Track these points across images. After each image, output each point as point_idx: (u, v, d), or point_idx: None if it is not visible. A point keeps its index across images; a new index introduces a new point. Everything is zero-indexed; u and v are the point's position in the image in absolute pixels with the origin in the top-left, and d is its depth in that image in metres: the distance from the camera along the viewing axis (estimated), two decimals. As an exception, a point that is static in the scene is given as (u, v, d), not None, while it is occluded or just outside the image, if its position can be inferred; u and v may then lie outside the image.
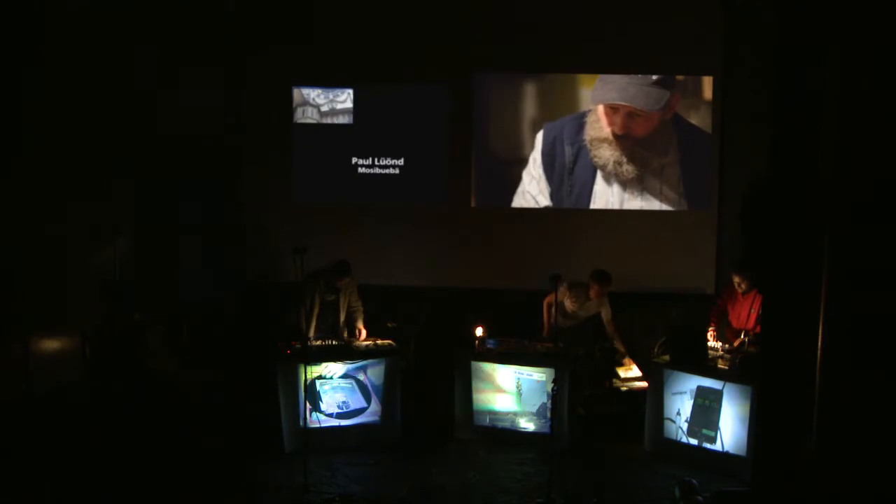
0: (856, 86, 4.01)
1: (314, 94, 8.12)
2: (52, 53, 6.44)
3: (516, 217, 8.01)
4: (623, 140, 7.82)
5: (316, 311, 6.52)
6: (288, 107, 8.11)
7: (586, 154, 7.89)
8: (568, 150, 7.88)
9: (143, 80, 7.23)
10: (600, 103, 7.85)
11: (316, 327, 6.52)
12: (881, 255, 3.98)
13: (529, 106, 7.98)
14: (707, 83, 7.78)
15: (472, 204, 8.06)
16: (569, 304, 6.85)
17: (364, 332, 6.66)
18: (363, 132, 8.11)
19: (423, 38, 7.93)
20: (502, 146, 8.02)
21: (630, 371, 6.67)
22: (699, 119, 7.81)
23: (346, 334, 6.69)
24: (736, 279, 6.45)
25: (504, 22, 7.83)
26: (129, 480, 5.49)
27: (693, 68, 7.77)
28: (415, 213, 8.09)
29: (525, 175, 7.98)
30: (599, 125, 7.85)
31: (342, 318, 6.73)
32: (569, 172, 7.91)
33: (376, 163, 8.12)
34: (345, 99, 8.10)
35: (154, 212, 7.48)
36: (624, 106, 7.80)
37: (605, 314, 6.86)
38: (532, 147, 7.98)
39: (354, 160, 8.13)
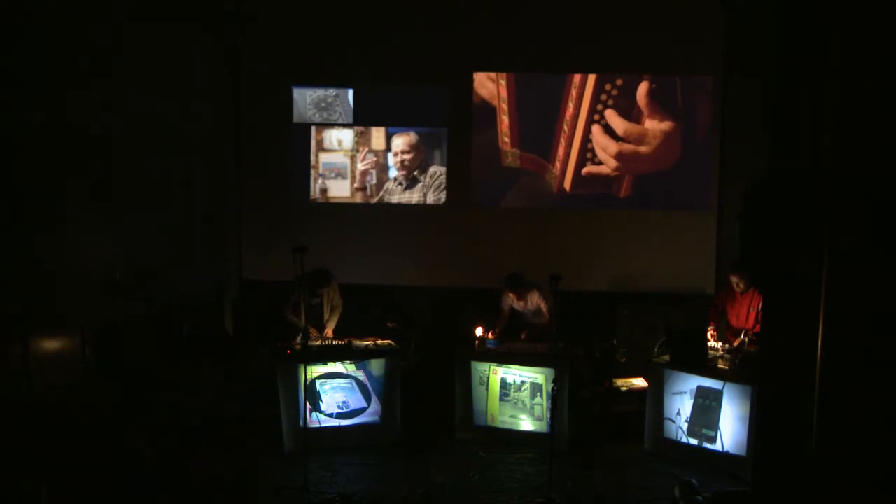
0: (856, 86, 4.01)
1: (313, 94, 8.12)
2: (52, 52, 6.45)
3: (516, 217, 8.01)
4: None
5: (302, 315, 6.53)
6: (287, 107, 8.11)
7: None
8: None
9: (142, 79, 7.23)
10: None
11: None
12: (881, 254, 3.98)
13: (530, 106, 7.97)
14: (707, 83, 7.78)
15: (472, 204, 8.06)
16: (518, 304, 6.94)
17: (330, 334, 6.70)
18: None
19: (423, 38, 7.94)
20: (502, 146, 8.02)
21: (628, 384, 6.73)
22: (699, 119, 7.81)
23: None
24: (734, 279, 6.45)
25: (504, 22, 7.83)
26: (128, 480, 5.49)
27: (693, 68, 7.77)
28: (415, 213, 8.10)
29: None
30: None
31: (326, 317, 6.80)
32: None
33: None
34: (344, 99, 8.10)
35: (153, 211, 7.48)
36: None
37: (542, 307, 6.86)
38: (533, 148, 7.99)
39: (354, 160, 8.15)
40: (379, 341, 6.58)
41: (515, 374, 6.41)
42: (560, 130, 7.92)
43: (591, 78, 7.85)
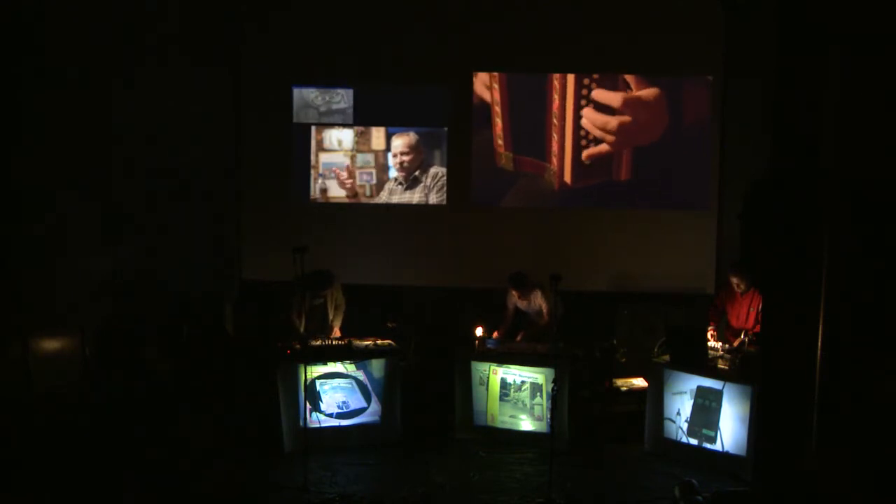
0: (856, 86, 4.01)
1: (313, 94, 8.12)
2: (53, 51, 6.45)
3: (516, 217, 8.00)
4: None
5: (304, 315, 6.53)
6: (287, 107, 8.11)
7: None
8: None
9: (142, 79, 7.23)
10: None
11: (305, 329, 6.54)
12: (881, 254, 3.98)
13: (530, 105, 7.97)
14: (707, 83, 7.78)
15: (472, 204, 8.05)
16: (522, 304, 6.95)
17: (338, 333, 6.74)
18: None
19: (423, 38, 7.93)
20: (497, 148, 8.02)
21: (628, 384, 6.74)
22: (699, 119, 7.80)
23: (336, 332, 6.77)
24: (734, 280, 6.44)
25: (504, 22, 7.82)
26: (128, 481, 5.49)
27: (693, 68, 7.77)
28: (415, 213, 8.09)
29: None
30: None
31: (331, 317, 6.80)
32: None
33: (376, 163, 8.14)
34: (344, 99, 8.10)
35: (153, 211, 7.48)
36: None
37: (543, 307, 6.87)
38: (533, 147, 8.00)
39: (354, 160, 8.16)
40: (379, 341, 6.58)
41: (515, 374, 6.41)
42: (550, 124, 7.92)
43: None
